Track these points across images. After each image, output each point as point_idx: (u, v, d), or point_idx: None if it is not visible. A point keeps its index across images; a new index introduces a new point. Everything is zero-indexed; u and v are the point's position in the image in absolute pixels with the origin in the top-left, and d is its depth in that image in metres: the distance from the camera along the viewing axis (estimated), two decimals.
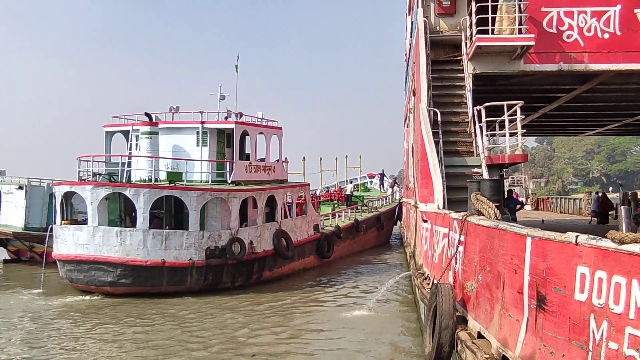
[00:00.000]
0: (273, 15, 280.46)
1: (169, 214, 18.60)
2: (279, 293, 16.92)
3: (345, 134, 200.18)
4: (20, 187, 22.69)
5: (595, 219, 27.07)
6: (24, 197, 22.56)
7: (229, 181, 18.72)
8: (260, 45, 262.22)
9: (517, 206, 16.19)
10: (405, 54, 27.88)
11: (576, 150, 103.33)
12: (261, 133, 21.03)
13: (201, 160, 18.76)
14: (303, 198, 23.22)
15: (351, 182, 38.35)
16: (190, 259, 16.44)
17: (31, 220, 22.53)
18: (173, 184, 17.28)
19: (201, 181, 18.49)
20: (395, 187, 39.90)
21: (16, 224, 22.49)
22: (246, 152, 20.85)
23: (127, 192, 16.40)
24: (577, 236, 4.37)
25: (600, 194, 28.35)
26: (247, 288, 17.48)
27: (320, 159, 38.11)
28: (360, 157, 41.83)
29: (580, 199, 37.05)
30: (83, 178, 18.30)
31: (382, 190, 40.52)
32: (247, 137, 20.56)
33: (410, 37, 21.96)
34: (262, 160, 21.21)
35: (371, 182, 42.95)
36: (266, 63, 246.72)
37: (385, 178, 42.43)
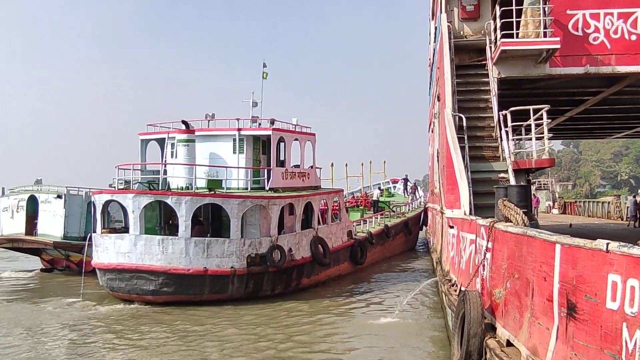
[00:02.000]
0: (301, 25, 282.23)
1: (207, 221, 18.70)
2: (315, 300, 17.00)
3: (370, 139, 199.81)
4: (59, 196, 22.73)
5: (635, 222, 26.70)
6: (62, 206, 22.58)
7: (267, 188, 18.77)
8: (286, 51, 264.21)
9: None
10: (429, 59, 27.77)
11: (603, 153, 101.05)
12: (296, 139, 21.07)
13: (239, 168, 18.77)
14: (337, 204, 23.24)
15: (379, 188, 38.32)
16: (231, 267, 16.41)
17: (70, 229, 22.58)
18: (213, 192, 17.30)
19: (238, 188, 18.53)
20: (417, 193, 39.75)
21: (54, 233, 22.57)
22: (281, 158, 20.82)
23: (169, 200, 16.39)
24: (607, 243, 4.33)
25: (638, 198, 27.82)
26: (286, 295, 17.52)
27: (346, 165, 38.28)
28: (384, 162, 41.92)
29: (609, 203, 36.27)
30: (114, 186, 18.47)
31: (406, 195, 40.41)
32: (282, 143, 20.58)
33: (434, 42, 21.90)
34: (297, 166, 21.28)
35: (394, 187, 42.84)
36: (290, 69, 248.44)
37: (408, 183, 42.33)
